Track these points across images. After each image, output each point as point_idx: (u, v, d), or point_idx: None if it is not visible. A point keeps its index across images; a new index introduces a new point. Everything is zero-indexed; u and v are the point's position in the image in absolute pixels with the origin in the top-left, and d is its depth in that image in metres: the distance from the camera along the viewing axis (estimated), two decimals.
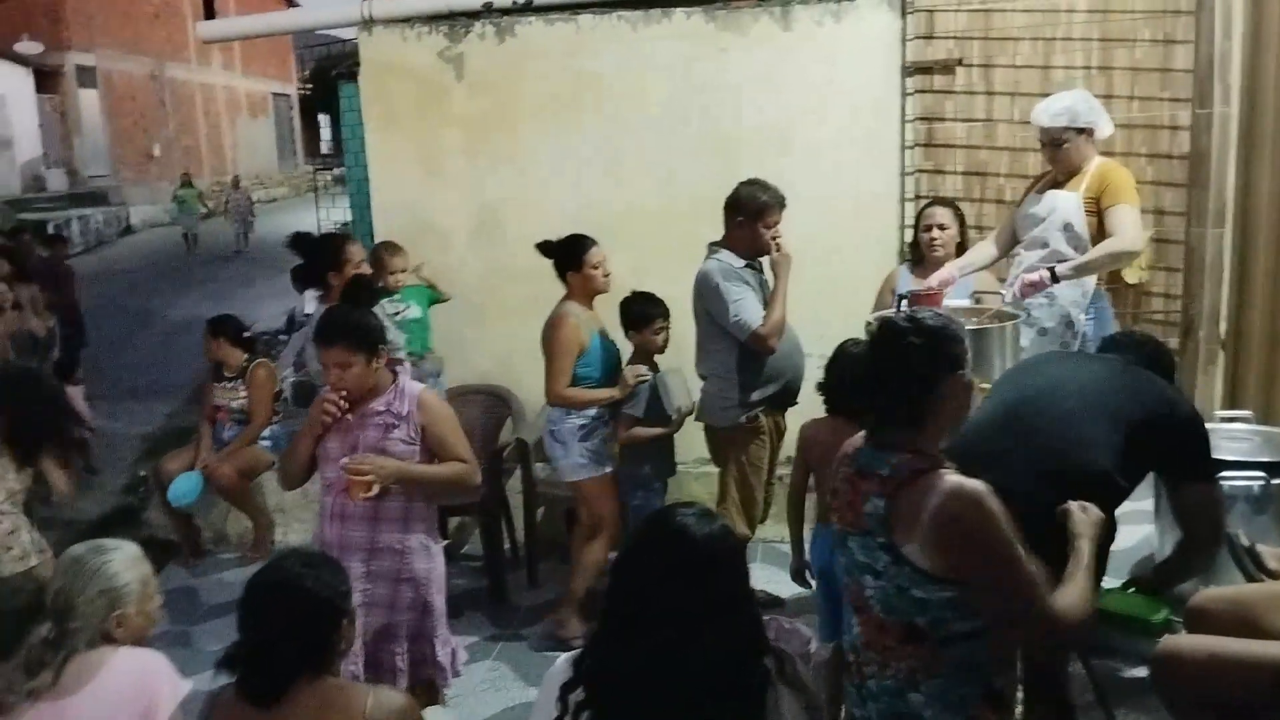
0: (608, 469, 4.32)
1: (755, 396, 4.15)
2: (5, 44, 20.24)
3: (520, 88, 5.49)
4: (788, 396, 4.26)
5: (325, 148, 36.45)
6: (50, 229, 14.63)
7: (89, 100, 22.78)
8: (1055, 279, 3.82)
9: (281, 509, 5.63)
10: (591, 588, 4.29)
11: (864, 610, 2.17)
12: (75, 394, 6.94)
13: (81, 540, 5.77)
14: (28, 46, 20.69)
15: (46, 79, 21.50)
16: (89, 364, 9.10)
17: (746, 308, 4.04)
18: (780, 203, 4.10)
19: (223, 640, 4.29)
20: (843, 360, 3.48)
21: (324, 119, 34.78)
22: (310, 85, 32.13)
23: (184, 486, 5.22)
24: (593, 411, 4.26)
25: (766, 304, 4.09)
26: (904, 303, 3.77)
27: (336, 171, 20.45)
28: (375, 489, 3.00)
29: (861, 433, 2.23)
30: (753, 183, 4.15)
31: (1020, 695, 2.41)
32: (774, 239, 4.10)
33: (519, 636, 4.48)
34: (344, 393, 3.07)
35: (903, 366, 2.10)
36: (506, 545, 5.16)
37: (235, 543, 5.64)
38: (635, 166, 5.40)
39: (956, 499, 1.99)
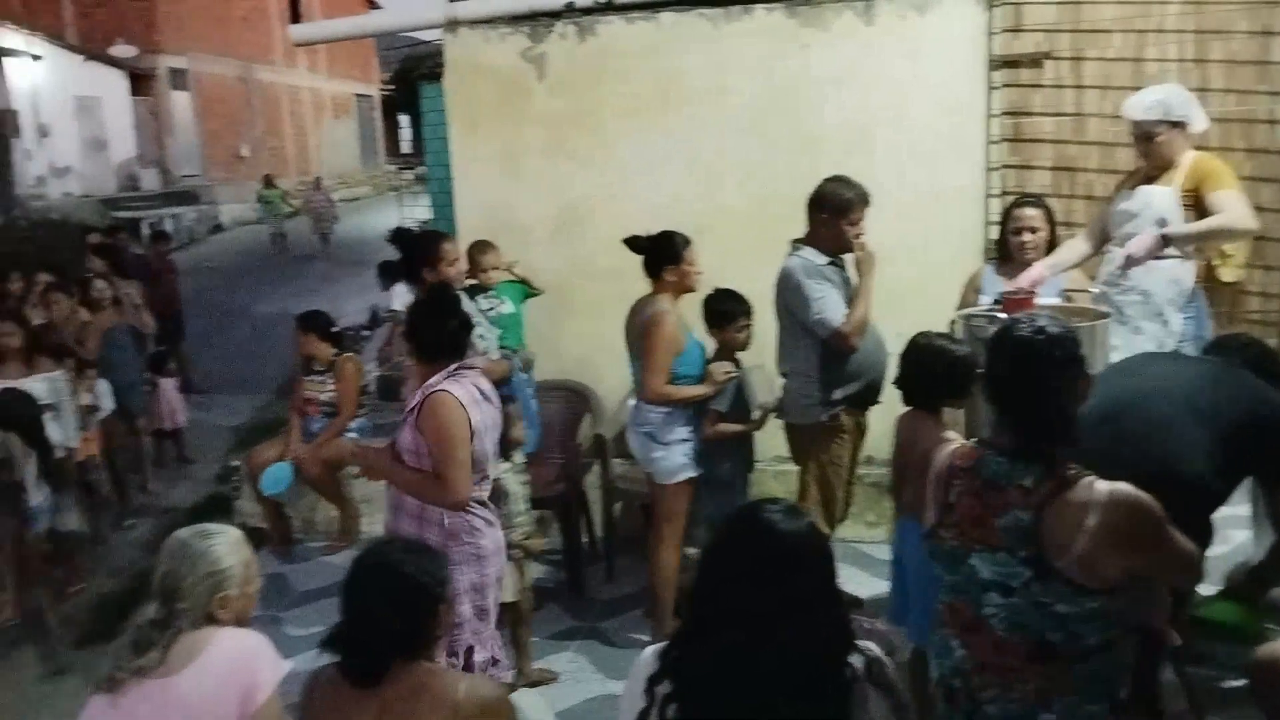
0: (699, 471, 4.31)
1: (837, 395, 4.12)
2: (101, 48, 21.05)
3: (601, 87, 5.54)
4: (870, 395, 4.22)
5: (405, 147, 37.14)
6: (145, 227, 15.21)
7: (181, 102, 23.55)
8: (1166, 242, 3.70)
9: (368, 499, 5.75)
10: (677, 585, 4.31)
11: (976, 630, 2.13)
12: (168, 386, 7.21)
13: (173, 528, 6.01)
14: (122, 50, 21.49)
15: (140, 82, 22.29)
16: (183, 358, 9.47)
17: (829, 305, 4.01)
18: (864, 199, 4.06)
19: (310, 625, 4.49)
20: (915, 352, 3.43)
21: (404, 119, 35.45)
22: (392, 86, 32.72)
23: (275, 476, 5.37)
24: (689, 411, 4.23)
25: (849, 302, 4.06)
26: (997, 305, 3.70)
27: (417, 171, 20.89)
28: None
29: (964, 442, 2.20)
30: (837, 179, 4.12)
31: None
32: (857, 236, 4.07)
33: (597, 630, 4.53)
34: None
35: (1041, 376, 2.09)
36: (585, 540, 5.21)
37: (323, 531, 5.80)
38: (716, 165, 5.41)
39: (1118, 507, 1.98)
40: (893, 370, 3.98)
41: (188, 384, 9.24)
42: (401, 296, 7.67)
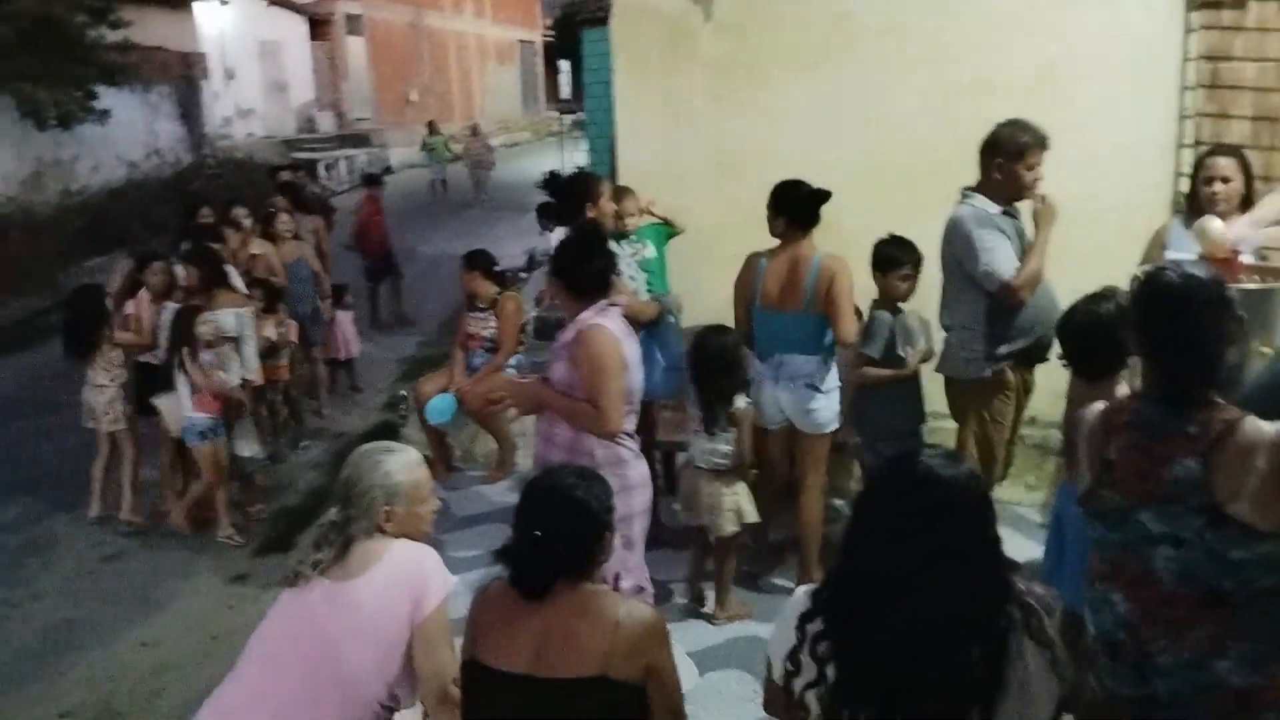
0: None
1: (1003, 350, 3.98)
2: None
3: (769, 29, 5.46)
4: (1038, 352, 4.06)
5: (565, 93, 37.50)
6: (321, 169, 15.96)
7: (355, 47, 24.46)
8: None
9: (524, 433, 5.95)
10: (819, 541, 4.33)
11: (1142, 584, 2.09)
12: (344, 319, 7.60)
13: (344, 451, 6.35)
14: None
15: (318, 27, 23.24)
16: (399, 295, 10.02)
17: (998, 257, 3.86)
18: (1042, 143, 3.87)
19: (470, 548, 4.70)
20: (1073, 326, 3.25)
21: (564, 65, 35.72)
22: (554, 32, 33.03)
23: (439, 406, 5.63)
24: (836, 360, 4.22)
25: (1022, 254, 3.90)
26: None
27: (576, 116, 21.10)
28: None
29: (1120, 395, 2.13)
30: (1012, 123, 3.93)
31: None
32: (1034, 182, 3.89)
33: (742, 573, 4.56)
34: None
35: (1194, 320, 2.04)
36: None
37: (481, 461, 6.04)
38: (887, 111, 5.27)
39: None
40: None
41: (400, 318, 9.81)
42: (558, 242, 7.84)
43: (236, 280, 5.88)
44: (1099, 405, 2.27)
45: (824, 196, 4.14)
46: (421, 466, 2.56)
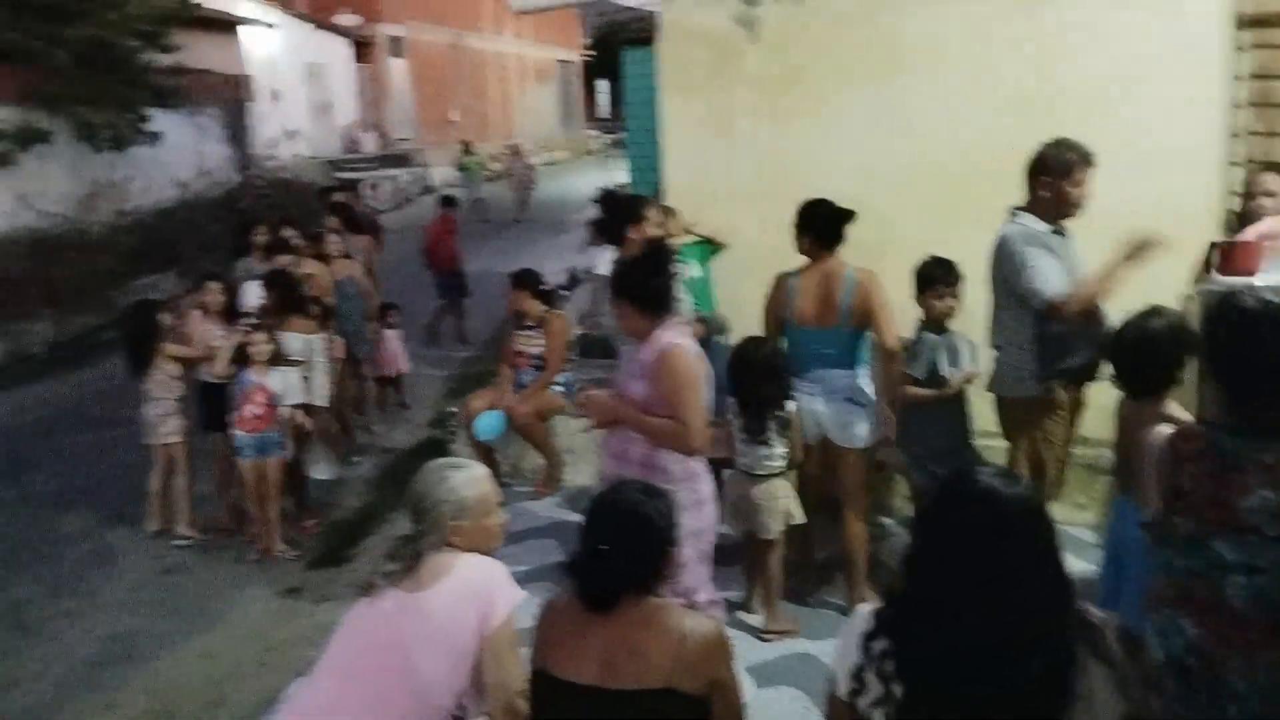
0: None
1: (1052, 368, 3.99)
2: (327, 17, 22.43)
3: (815, 48, 5.50)
4: (1088, 370, 4.06)
5: (602, 112, 37.75)
6: (366, 187, 16.20)
7: (398, 68, 24.83)
8: None
9: (571, 450, 6.02)
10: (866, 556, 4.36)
11: (1212, 610, 2.09)
12: (391, 336, 7.71)
13: (394, 467, 6.44)
14: (347, 19, 22.87)
15: (362, 49, 23.63)
16: (461, 312, 10.23)
17: (1042, 274, 3.87)
18: (1087, 160, 3.89)
19: (519, 563, 4.75)
20: (1126, 342, 3.25)
21: (602, 84, 36.00)
22: (593, 51, 33.31)
23: (488, 423, 5.70)
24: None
25: (1071, 273, 3.90)
26: (1215, 253, 3.49)
27: (614, 136, 21.27)
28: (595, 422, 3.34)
29: (1171, 414, 2.13)
30: (1058, 143, 3.96)
31: None
32: (1081, 199, 3.90)
33: (791, 590, 4.58)
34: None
35: (1272, 347, 2.03)
36: None
37: (529, 477, 6.09)
38: (933, 127, 5.29)
39: None
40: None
41: (462, 336, 9.97)
42: (605, 260, 7.90)
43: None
44: (1165, 430, 2.26)
45: (848, 215, 4.21)
46: (488, 481, 2.61)
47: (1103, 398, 3.84)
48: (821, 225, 4.23)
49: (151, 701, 4.26)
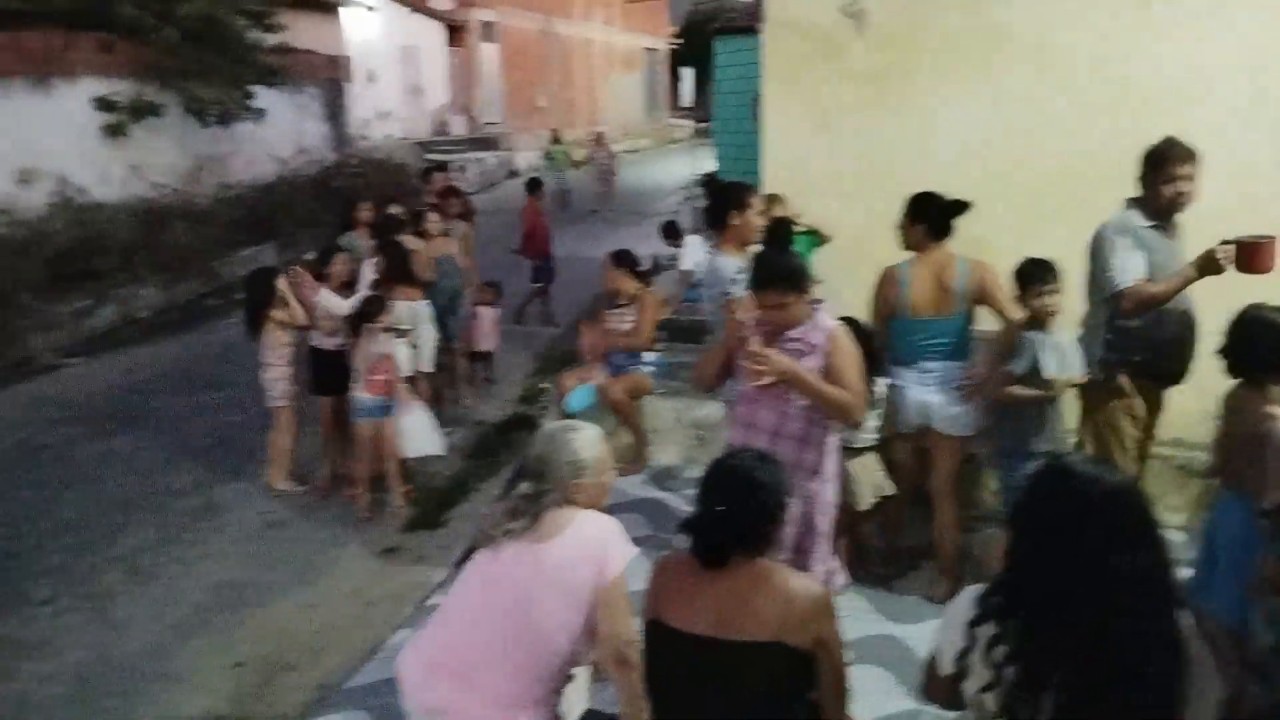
0: None
1: (1116, 357, 4.05)
2: (422, 1, 22.81)
3: (920, 41, 5.52)
4: (1161, 370, 4.07)
5: (685, 100, 37.73)
6: (455, 169, 16.48)
7: (489, 53, 25.17)
8: None
9: (656, 429, 6.15)
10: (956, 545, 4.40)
11: None
12: (485, 314, 7.91)
13: (484, 438, 6.61)
14: (441, 3, 23.22)
15: (455, 33, 24.00)
16: (547, 297, 10.40)
17: (1121, 264, 3.92)
18: (1182, 156, 3.91)
19: None
20: (1243, 325, 3.26)
21: (686, 72, 35.96)
22: (680, 40, 33.32)
23: (580, 398, 5.86)
24: None
25: (1164, 270, 3.91)
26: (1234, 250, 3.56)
27: (698, 125, 21.25)
28: (767, 379, 3.36)
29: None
30: (1166, 139, 4.00)
31: None
32: (1180, 194, 3.92)
33: (877, 574, 4.65)
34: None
35: None
36: None
37: (617, 455, 6.21)
38: (1038, 122, 5.28)
39: None
40: (1202, 350, 3.81)
41: (549, 319, 10.20)
42: (694, 251, 8.00)
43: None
44: None
45: (962, 206, 4.25)
46: (603, 441, 2.75)
47: (1192, 401, 3.84)
48: (935, 216, 4.29)
49: (259, 646, 4.50)
